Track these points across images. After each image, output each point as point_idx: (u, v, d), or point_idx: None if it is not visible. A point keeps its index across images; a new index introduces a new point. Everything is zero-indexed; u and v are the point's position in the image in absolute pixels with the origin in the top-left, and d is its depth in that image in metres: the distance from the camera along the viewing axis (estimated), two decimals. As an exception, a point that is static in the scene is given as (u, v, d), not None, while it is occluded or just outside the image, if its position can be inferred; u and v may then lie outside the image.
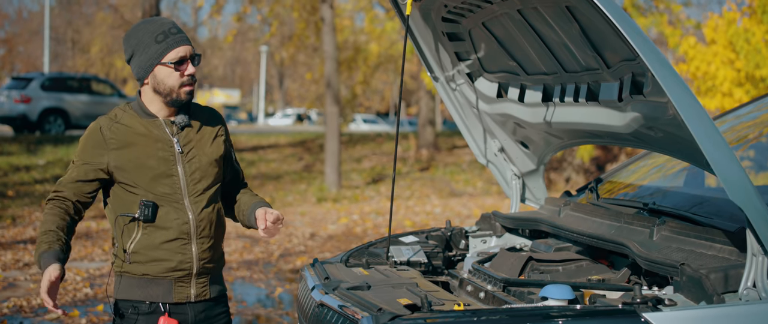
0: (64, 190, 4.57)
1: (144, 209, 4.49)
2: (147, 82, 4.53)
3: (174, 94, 4.52)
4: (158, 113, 4.59)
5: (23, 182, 21.39)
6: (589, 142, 5.66)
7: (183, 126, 4.61)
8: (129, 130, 4.53)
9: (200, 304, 4.69)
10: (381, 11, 37.78)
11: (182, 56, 4.49)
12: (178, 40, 4.50)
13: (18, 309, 10.04)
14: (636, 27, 3.75)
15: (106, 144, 4.50)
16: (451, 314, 3.83)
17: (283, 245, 15.11)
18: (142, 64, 4.49)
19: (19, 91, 32.84)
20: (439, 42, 5.67)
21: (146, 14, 26.85)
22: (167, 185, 4.54)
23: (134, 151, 4.50)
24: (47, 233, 4.45)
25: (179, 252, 4.55)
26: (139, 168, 4.50)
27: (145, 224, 4.53)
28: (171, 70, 4.47)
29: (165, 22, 4.54)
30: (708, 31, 18.44)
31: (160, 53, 4.46)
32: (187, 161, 4.58)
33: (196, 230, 4.58)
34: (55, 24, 67.13)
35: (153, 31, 4.49)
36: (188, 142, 4.61)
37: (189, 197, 4.58)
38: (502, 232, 6.07)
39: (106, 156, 4.50)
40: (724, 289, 3.85)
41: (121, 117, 4.58)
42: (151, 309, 4.58)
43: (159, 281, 4.57)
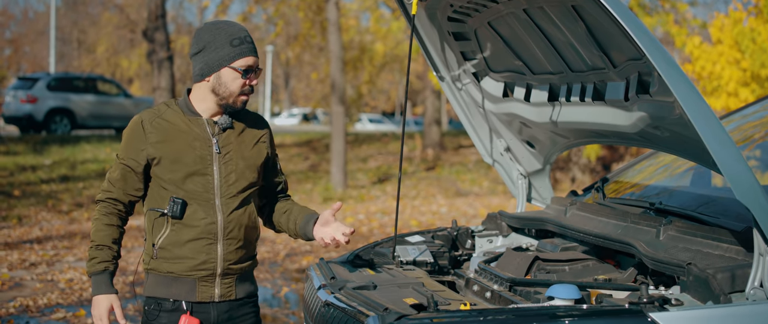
0: (113, 190, 4.63)
1: (173, 206, 4.52)
2: (207, 80, 4.55)
3: (231, 100, 4.55)
4: (204, 113, 4.62)
5: (29, 182, 21.39)
6: (595, 141, 5.65)
7: (225, 127, 4.62)
8: (170, 126, 4.56)
9: (224, 304, 4.70)
10: (387, 11, 37.79)
11: (251, 66, 4.53)
12: (251, 49, 4.55)
13: (24, 309, 10.04)
14: (642, 26, 3.75)
15: (145, 137, 4.53)
16: (458, 314, 3.83)
17: (289, 245, 15.11)
18: (211, 61, 4.51)
19: (25, 91, 32.90)
20: (445, 41, 5.66)
21: (152, 14, 26.84)
22: (200, 183, 4.55)
23: (172, 146, 4.53)
24: (102, 249, 4.59)
25: (203, 251, 4.57)
26: (174, 163, 4.52)
27: (174, 221, 4.56)
28: (238, 75, 4.50)
29: (242, 28, 4.57)
30: (714, 31, 18.42)
31: (232, 57, 4.49)
32: (223, 162, 4.59)
33: (223, 231, 4.59)
34: (60, 24, 67.24)
35: (231, 33, 4.52)
36: (227, 144, 4.63)
37: (221, 198, 4.59)
38: (508, 231, 6.06)
39: (146, 149, 4.53)
40: (731, 289, 3.84)
41: (164, 112, 4.61)
42: (174, 307, 4.62)
43: (183, 280, 4.60)
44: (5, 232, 15.54)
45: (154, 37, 26.81)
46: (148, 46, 27.44)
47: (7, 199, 19.07)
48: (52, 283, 11.57)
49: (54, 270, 12.39)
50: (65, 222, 17.20)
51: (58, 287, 11.26)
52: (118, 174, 4.60)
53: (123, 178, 4.60)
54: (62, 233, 15.70)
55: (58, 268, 12.54)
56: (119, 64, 63.22)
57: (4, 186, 20.56)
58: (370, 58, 39.01)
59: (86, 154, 26.65)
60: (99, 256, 4.56)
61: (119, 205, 4.64)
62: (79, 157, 26.02)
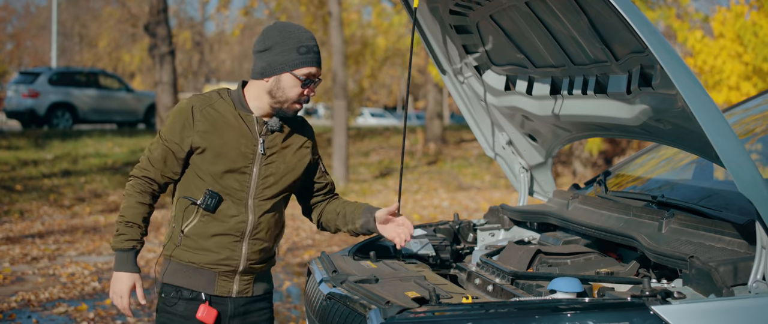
0: (151, 170, 4.62)
1: (208, 199, 4.53)
2: (267, 80, 4.55)
3: (286, 106, 4.56)
4: (255, 111, 4.62)
5: (31, 177, 21.41)
6: (597, 134, 5.64)
7: (273, 130, 4.63)
8: (220, 117, 4.55)
9: (241, 299, 4.73)
10: (388, 5, 37.81)
11: (312, 75, 4.53)
12: (316, 59, 4.55)
13: (26, 303, 10.06)
14: (644, 19, 3.74)
15: (194, 124, 4.52)
16: (460, 307, 3.82)
17: (291, 239, 15.12)
18: (275, 63, 4.51)
19: (27, 85, 32.94)
20: (447, 35, 5.66)
21: (153, 9, 26.87)
22: (238, 181, 4.56)
23: (218, 138, 4.52)
24: (133, 227, 4.60)
25: (228, 248, 4.59)
26: (218, 156, 4.52)
27: (204, 212, 4.56)
28: (298, 83, 4.51)
29: (312, 37, 4.58)
30: (716, 25, 18.41)
31: (297, 63, 4.49)
32: (265, 164, 4.60)
33: (251, 231, 4.61)
34: (62, 19, 67.25)
35: (300, 39, 4.52)
36: (272, 146, 4.64)
37: (254, 199, 4.60)
38: (510, 225, 6.06)
39: (191, 137, 4.52)
40: (733, 282, 3.83)
41: (216, 102, 4.60)
42: (193, 296, 4.64)
43: (203, 271, 4.62)
44: (7, 226, 15.56)
45: (155, 31, 26.84)
46: (149, 41, 27.49)
47: (9, 193, 19.08)
48: (54, 277, 11.58)
49: (56, 264, 12.40)
50: (67, 216, 17.22)
51: (60, 282, 11.27)
52: (159, 154, 4.59)
53: (163, 159, 4.59)
54: (64, 228, 15.72)
55: (59, 262, 12.56)
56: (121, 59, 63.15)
57: (5, 180, 20.57)
58: (372, 53, 39.01)
59: (88, 149, 26.66)
60: (128, 233, 4.57)
61: (154, 185, 4.64)
62: (81, 151, 26.03)
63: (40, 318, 9.44)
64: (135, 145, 28.04)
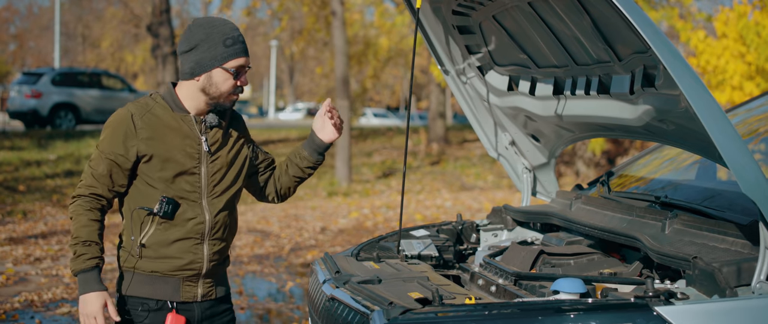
0: (97, 185, 4.51)
1: (164, 205, 4.46)
2: (197, 79, 4.48)
3: (221, 99, 4.51)
4: (191, 110, 4.56)
5: (34, 177, 21.42)
6: (600, 135, 5.64)
7: (212, 126, 4.59)
8: (160, 122, 4.49)
9: (206, 302, 4.69)
10: (391, 5, 37.81)
11: (242, 65, 4.49)
12: (244, 49, 4.50)
13: (29, 303, 10.06)
14: (647, 19, 3.74)
15: (136, 133, 4.44)
16: (463, 308, 3.82)
17: (294, 239, 15.13)
18: (203, 61, 4.45)
19: (30, 86, 32.96)
20: (450, 35, 5.66)
21: (156, 9, 26.90)
22: (189, 183, 4.52)
23: (163, 143, 4.46)
24: (90, 245, 4.46)
25: (191, 251, 4.54)
26: (165, 161, 4.46)
27: (161, 220, 4.50)
28: (229, 76, 4.45)
29: (235, 28, 4.52)
30: (719, 25, 18.39)
31: (225, 57, 4.43)
32: (211, 161, 4.57)
33: (210, 231, 4.57)
34: (65, 19, 67.30)
35: (223, 33, 4.46)
36: (215, 142, 4.60)
37: (207, 197, 4.56)
38: (513, 225, 6.06)
39: (136, 146, 4.44)
40: (736, 283, 3.83)
41: (152, 106, 4.53)
42: (159, 306, 4.57)
43: (167, 279, 4.56)
44: (10, 227, 15.56)
45: (158, 32, 26.87)
46: (152, 41, 27.52)
47: (12, 194, 19.09)
48: (57, 277, 11.58)
49: (59, 265, 12.40)
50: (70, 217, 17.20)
51: (63, 282, 11.27)
52: (104, 169, 4.48)
53: (108, 173, 4.48)
54: (67, 228, 15.71)
55: (62, 262, 12.56)
56: (124, 59, 63.27)
57: (8, 181, 20.59)
58: (375, 53, 39.03)
59: (91, 149, 26.64)
60: (87, 252, 4.43)
61: (102, 201, 4.53)
62: (84, 152, 26.04)
63: (43, 318, 9.44)
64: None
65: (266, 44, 76.88)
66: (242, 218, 17.41)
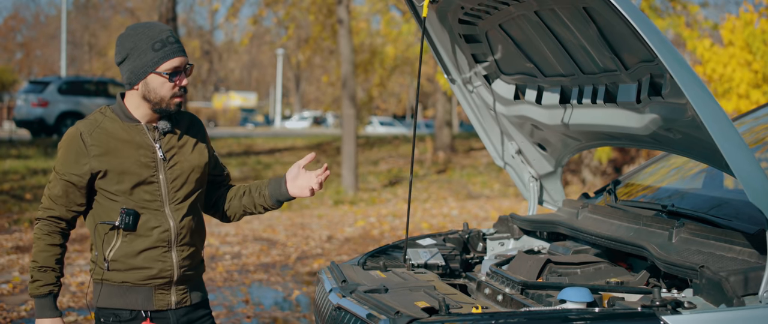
0: (55, 208, 4.50)
1: (125, 217, 4.42)
2: (136, 88, 4.44)
3: (164, 104, 4.43)
4: (141, 118, 4.51)
5: (41, 186, 21.43)
6: (606, 143, 5.64)
7: (165, 132, 4.55)
8: (110, 136, 4.44)
9: (181, 309, 4.66)
10: (397, 14, 37.82)
11: (177, 67, 4.41)
12: (175, 50, 4.42)
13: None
14: (654, 28, 3.73)
15: (87, 151, 4.40)
16: (469, 317, 3.82)
17: (300, 248, 15.13)
18: (136, 69, 4.39)
19: (37, 94, 33.05)
20: (456, 44, 5.65)
21: (162, 17, 26.92)
22: (148, 192, 4.48)
23: (116, 157, 4.42)
24: (46, 271, 4.49)
25: (159, 260, 4.51)
26: (121, 174, 4.42)
27: (125, 232, 4.47)
28: (165, 80, 4.39)
29: (163, 29, 4.45)
30: (725, 33, 18.39)
31: (155, 62, 4.37)
32: (168, 168, 4.53)
33: (176, 238, 4.54)
34: (72, 28, 67.42)
35: (151, 37, 4.40)
36: (170, 149, 4.56)
37: (170, 205, 4.53)
38: (519, 234, 6.05)
39: (88, 163, 4.41)
40: (744, 292, 3.83)
41: (101, 121, 4.48)
42: (133, 316, 4.55)
43: (139, 289, 4.53)
44: (17, 235, 15.58)
45: (164, 40, 26.83)
46: (159, 50, 27.46)
47: (19, 202, 19.11)
48: (63, 286, 11.58)
49: (66, 273, 12.41)
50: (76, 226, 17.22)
51: (69, 291, 11.28)
52: (60, 190, 4.48)
53: (65, 193, 4.47)
54: (73, 237, 15.71)
55: (68, 271, 12.56)
56: (130, 68, 63.24)
57: (15, 189, 20.62)
58: (381, 61, 39.00)
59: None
60: (43, 278, 4.46)
61: (62, 224, 4.52)
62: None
63: (49, 327, 9.44)
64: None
65: (272, 53, 76.97)
66: (248, 227, 17.42)
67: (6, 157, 25.99)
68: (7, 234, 15.70)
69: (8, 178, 22.11)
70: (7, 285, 11.41)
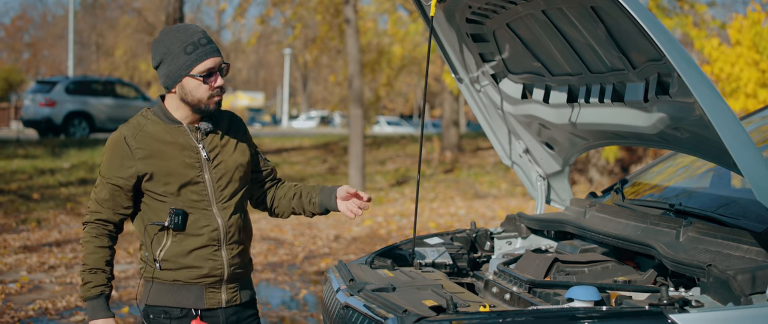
0: (102, 211, 4.55)
1: (174, 217, 4.47)
2: (174, 91, 4.48)
3: (202, 105, 4.46)
4: (183, 120, 4.54)
5: (48, 185, 21.45)
6: (614, 143, 5.63)
7: (207, 132, 4.57)
8: (154, 138, 4.48)
9: (231, 308, 4.68)
10: (404, 13, 37.77)
11: (211, 68, 4.42)
12: (207, 51, 4.43)
13: (44, 311, 10.07)
14: (662, 27, 3.73)
15: (132, 154, 4.44)
16: (477, 316, 3.82)
17: (308, 247, 15.12)
18: (171, 74, 4.43)
19: (44, 94, 33.02)
20: (464, 43, 5.66)
21: (170, 18, 26.92)
22: (195, 192, 4.51)
23: (162, 159, 4.46)
24: (97, 273, 4.55)
25: (210, 258, 4.54)
26: (167, 176, 4.46)
27: (175, 232, 4.51)
28: (199, 82, 4.41)
29: (195, 31, 4.46)
30: (732, 32, 18.36)
31: (188, 65, 4.39)
32: (213, 167, 4.55)
33: (225, 236, 4.57)
34: (79, 28, 67.46)
35: (183, 40, 4.41)
36: (214, 148, 4.58)
37: (217, 204, 4.56)
38: (527, 233, 6.06)
39: (134, 166, 4.44)
40: (751, 291, 3.83)
41: (144, 125, 4.52)
42: (183, 314, 4.58)
43: (190, 287, 4.57)
44: (24, 235, 15.60)
45: (172, 40, 26.80)
46: (166, 50, 27.42)
47: (26, 202, 19.13)
48: (71, 286, 11.60)
49: (73, 273, 12.42)
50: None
51: (77, 290, 11.28)
52: (107, 193, 4.52)
53: (111, 197, 4.52)
54: (81, 236, 15.72)
55: (77, 271, 12.57)
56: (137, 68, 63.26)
57: (23, 189, 20.63)
58: (388, 61, 38.94)
59: (105, 158, 26.68)
60: (93, 280, 4.53)
61: (109, 226, 4.57)
62: (98, 160, 26.05)
63: (57, 326, 9.47)
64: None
65: (280, 52, 76.95)
66: (256, 226, 17.41)
67: (13, 156, 26.01)
68: (15, 233, 15.71)
69: (16, 178, 22.13)
70: (14, 284, 11.43)
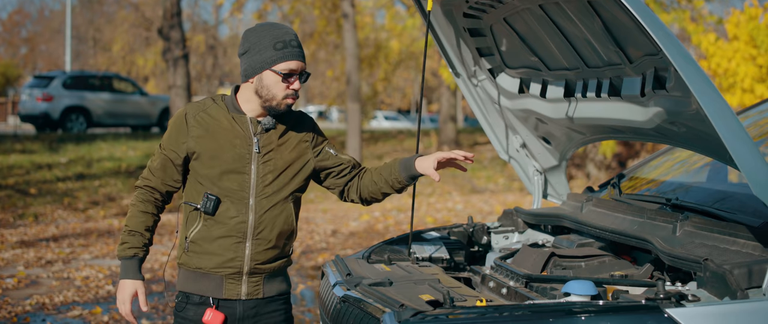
0: (152, 179, 4.70)
1: (206, 202, 4.56)
2: (251, 81, 4.56)
3: (274, 102, 4.53)
4: (249, 112, 4.63)
5: (45, 180, 21.45)
6: (611, 137, 5.64)
7: (267, 128, 4.63)
8: (213, 121, 4.59)
9: (251, 301, 4.70)
10: (402, 8, 37.78)
11: (293, 70, 4.51)
12: (294, 53, 4.53)
13: (41, 306, 10.08)
14: (659, 21, 3.74)
15: (188, 130, 4.57)
16: (474, 310, 3.82)
17: (305, 242, 15.12)
18: (254, 64, 4.52)
19: (41, 89, 33.00)
20: (461, 38, 5.66)
21: (167, 12, 26.91)
22: (236, 181, 4.57)
23: (212, 141, 4.55)
24: (135, 235, 4.68)
25: (231, 249, 4.59)
26: (213, 159, 4.55)
27: (206, 216, 4.59)
28: (279, 79, 4.49)
29: (289, 32, 4.58)
30: (730, 27, 18.38)
31: (274, 60, 4.48)
32: (262, 162, 4.60)
33: (253, 231, 4.60)
34: (76, 22, 67.39)
35: (275, 36, 4.53)
36: (268, 144, 4.63)
37: (255, 197, 4.59)
38: (524, 228, 6.06)
39: (187, 143, 4.57)
40: (747, 285, 3.83)
41: (209, 107, 4.65)
42: (201, 301, 4.66)
43: (211, 276, 4.63)
44: (21, 230, 15.60)
45: (169, 35, 26.87)
46: (163, 45, 27.52)
47: (24, 197, 19.13)
48: (69, 280, 11.60)
49: (70, 268, 12.43)
50: (81, 220, 17.25)
51: (75, 285, 11.29)
52: (159, 163, 4.67)
53: (163, 167, 4.66)
54: (78, 231, 15.75)
55: (74, 265, 12.58)
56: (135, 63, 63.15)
57: (20, 184, 20.63)
58: (386, 56, 39.00)
59: (102, 152, 26.71)
60: (130, 241, 4.64)
61: (156, 194, 4.71)
62: (95, 155, 26.07)
63: (54, 321, 9.45)
64: (149, 148, 28.05)
65: (277, 47, 76.81)
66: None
67: (11, 151, 25.98)
68: (12, 228, 15.72)
69: (13, 173, 22.12)
70: (12, 279, 11.43)
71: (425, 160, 4.78)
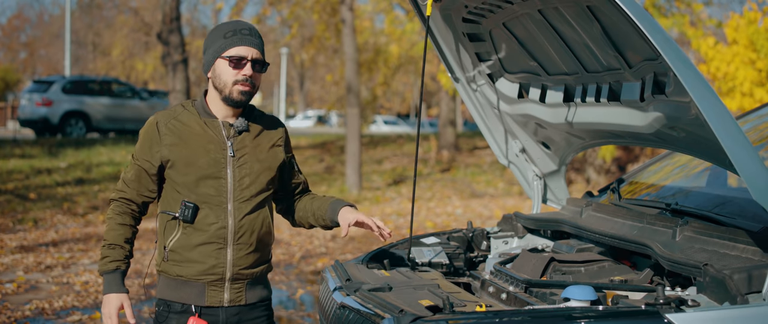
0: (127, 190, 4.68)
1: (184, 210, 4.54)
2: (210, 76, 4.58)
3: (227, 91, 4.53)
4: (218, 114, 4.62)
5: (45, 185, 21.45)
6: (610, 142, 5.64)
7: (240, 130, 4.62)
8: (185, 128, 4.57)
9: (233, 308, 4.69)
10: (401, 12, 37.75)
11: (243, 55, 4.51)
12: (244, 40, 4.54)
13: (40, 311, 10.07)
14: (658, 26, 3.74)
15: (160, 139, 4.55)
16: (473, 315, 3.82)
17: (304, 247, 15.12)
18: (208, 57, 4.57)
19: (41, 94, 33.03)
20: (460, 43, 5.66)
21: (166, 17, 26.96)
22: (213, 187, 4.55)
23: (186, 148, 4.53)
24: (114, 248, 4.66)
25: (213, 256, 4.57)
26: (188, 166, 4.53)
27: (185, 224, 4.57)
28: (227, 64, 4.50)
29: (243, 24, 4.61)
30: (729, 31, 18.38)
31: (223, 47, 4.51)
32: (237, 166, 4.59)
33: (234, 236, 4.59)
34: (75, 27, 67.40)
35: (227, 28, 4.57)
36: (242, 147, 4.62)
37: (233, 202, 4.58)
38: (523, 233, 6.06)
39: (160, 151, 4.55)
40: (747, 290, 3.83)
41: (180, 114, 4.63)
42: (183, 309, 4.63)
43: (192, 283, 4.61)
44: (21, 235, 15.59)
45: (168, 39, 26.90)
46: (162, 49, 27.57)
47: (23, 202, 19.12)
48: (68, 285, 11.60)
49: (69, 273, 12.42)
50: (80, 225, 17.23)
51: (74, 290, 11.29)
52: (133, 174, 4.64)
53: (137, 178, 4.64)
54: (78, 236, 15.74)
55: (73, 270, 12.58)
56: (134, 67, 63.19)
57: (19, 189, 20.63)
58: (385, 60, 38.96)
59: (101, 157, 26.72)
60: (111, 255, 4.62)
61: (132, 205, 4.68)
62: (95, 159, 26.09)
63: (54, 326, 9.46)
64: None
65: (276, 52, 76.82)
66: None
67: (10, 156, 26.00)
68: (12, 233, 15.71)
69: (12, 178, 22.12)
70: (11, 284, 11.42)
71: (349, 213, 4.80)
